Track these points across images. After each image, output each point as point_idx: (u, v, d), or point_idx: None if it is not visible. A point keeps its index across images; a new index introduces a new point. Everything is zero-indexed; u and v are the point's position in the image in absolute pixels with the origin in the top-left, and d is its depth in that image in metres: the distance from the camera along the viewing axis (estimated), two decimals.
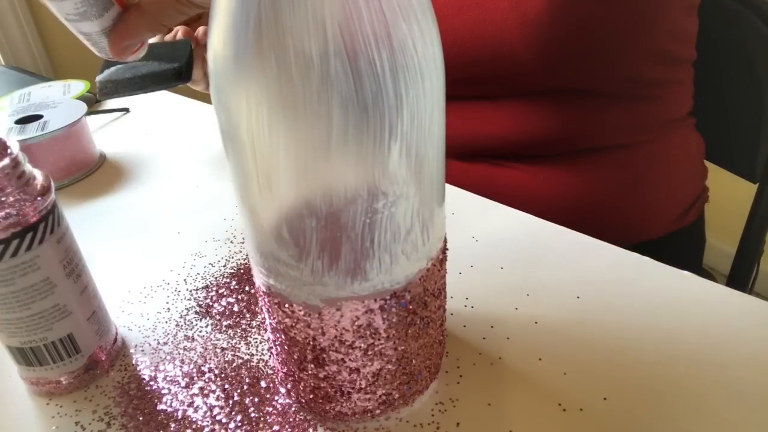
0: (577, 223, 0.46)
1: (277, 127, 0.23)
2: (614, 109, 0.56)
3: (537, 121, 0.56)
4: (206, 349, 0.38)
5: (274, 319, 0.30)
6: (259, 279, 0.29)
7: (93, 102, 0.75)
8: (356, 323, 0.28)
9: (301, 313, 0.28)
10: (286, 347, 0.30)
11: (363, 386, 0.30)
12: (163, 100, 0.79)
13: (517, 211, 0.49)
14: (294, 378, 0.32)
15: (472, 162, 0.60)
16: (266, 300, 0.30)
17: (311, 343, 0.29)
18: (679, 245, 0.63)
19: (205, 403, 0.34)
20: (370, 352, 0.29)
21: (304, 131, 0.23)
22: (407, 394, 0.32)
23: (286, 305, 0.28)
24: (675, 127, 0.60)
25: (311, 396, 0.31)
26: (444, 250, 0.31)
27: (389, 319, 0.28)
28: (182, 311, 0.42)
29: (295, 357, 0.30)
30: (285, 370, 0.32)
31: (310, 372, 0.30)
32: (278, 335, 0.30)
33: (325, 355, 0.29)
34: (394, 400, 0.32)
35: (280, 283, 0.28)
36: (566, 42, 0.51)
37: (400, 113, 0.23)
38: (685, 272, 0.41)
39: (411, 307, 0.29)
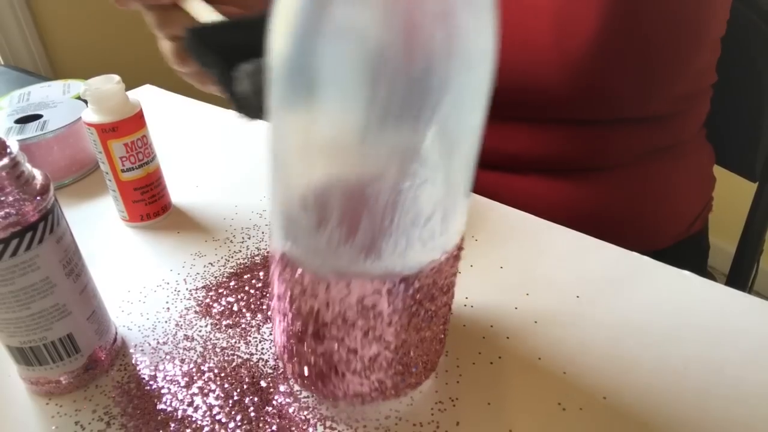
0: (588, 233, 0.46)
1: (323, 93, 0.23)
2: (637, 131, 0.55)
3: (556, 144, 0.55)
4: (206, 348, 0.38)
5: (282, 285, 0.30)
6: (276, 242, 0.29)
7: None
8: (362, 302, 0.28)
9: (310, 282, 0.28)
10: (289, 316, 0.30)
11: (357, 369, 0.30)
12: (163, 99, 0.79)
13: (517, 210, 0.49)
14: (291, 351, 0.31)
15: (489, 170, 0.60)
16: (279, 265, 0.30)
17: (314, 315, 0.29)
18: (684, 254, 0.63)
19: (205, 402, 0.34)
20: (369, 335, 0.29)
21: (350, 101, 0.23)
22: (400, 385, 0.32)
23: (297, 273, 0.28)
24: (690, 140, 0.60)
25: (306, 372, 0.31)
26: (460, 247, 0.31)
27: (395, 303, 0.28)
28: (182, 311, 0.42)
29: (297, 328, 0.30)
30: (283, 340, 0.32)
31: (307, 346, 0.30)
32: (283, 303, 0.30)
33: (325, 330, 0.29)
34: (386, 388, 0.31)
35: (296, 248, 0.28)
36: (605, 86, 0.51)
37: (444, 97, 0.23)
38: (685, 272, 0.41)
39: (418, 296, 0.29)
